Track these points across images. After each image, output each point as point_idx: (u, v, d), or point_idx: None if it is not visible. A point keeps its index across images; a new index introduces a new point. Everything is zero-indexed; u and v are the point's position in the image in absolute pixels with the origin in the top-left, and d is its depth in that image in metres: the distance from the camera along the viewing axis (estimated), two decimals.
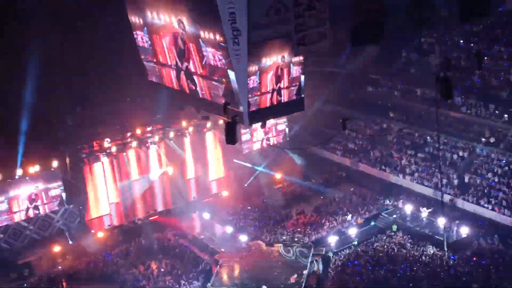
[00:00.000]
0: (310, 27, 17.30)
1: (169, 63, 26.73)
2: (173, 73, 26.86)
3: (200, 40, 21.94)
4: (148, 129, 37.04)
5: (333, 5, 17.64)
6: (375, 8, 16.88)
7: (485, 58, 38.14)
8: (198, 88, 24.87)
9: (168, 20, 24.72)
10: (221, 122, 35.97)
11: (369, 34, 17.34)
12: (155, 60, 27.77)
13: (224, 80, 21.31)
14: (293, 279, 29.76)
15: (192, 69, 24.57)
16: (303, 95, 23.51)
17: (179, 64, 25.74)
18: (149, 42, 27.06)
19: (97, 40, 33.92)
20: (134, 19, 27.65)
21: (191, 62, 24.17)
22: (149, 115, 36.56)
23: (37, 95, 32.14)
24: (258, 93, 21.20)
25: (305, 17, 17.17)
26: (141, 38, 27.90)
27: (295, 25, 16.92)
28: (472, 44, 39.55)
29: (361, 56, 43.87)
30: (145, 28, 26.85)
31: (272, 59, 20.63)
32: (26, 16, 31.30)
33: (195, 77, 24.69)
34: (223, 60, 19.93)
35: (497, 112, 36.43)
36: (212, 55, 21.44)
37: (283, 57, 20.85)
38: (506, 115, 35.79)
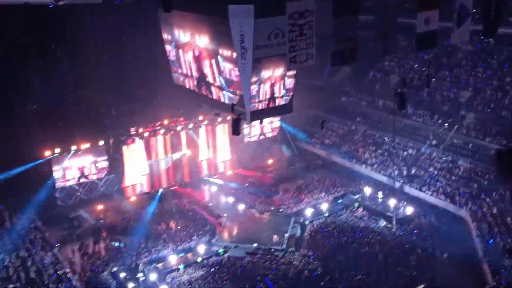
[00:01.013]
0: (301, 49, 17.23)
1: (190, 74, 26.57)
2: (194, 82, 26.65)
3: (218, 56, 21.81)
4: (173, 120, 36.84)
5: (319, 34, 17.58)
6: (350, 38, 16.84)
7: (433, 79, 38.11)
8: (213, 95, 24.67)
9: (191, 38, 24.55)
10: (229, 118, 35.77)
11: (345, 57, 17.31)
12: (180, 71, 27.60)
13: (238, 92, 21.14)
14: (275, 238, 29.83)
15: (211, 81, 24.39)
16: (292, 101, 23.44)
17: (199, 76, 25.57)
18: (176, 55, 26.85)
19: (138, 51, 33.81)
20: (166, 36, 27.47)
21: (210, 75, 23.98)
22: (174, 110, 36.40)
23: (90, 91, 32.12)
24: (257, 99, 21.18)
25: (297, 41, 17.10)
26: (170, 51, 27.70)
27: (289, 46, 16.86)
28: (423, 68, 39.45)
29: (338, 73, 43.95)
30: (173, 43, 26.68)
31: (270, 73, 20.58)
32: (88, 34, 31.27)
33: (212, 88, 24.55)
34: (238, 75, 19.80)
35: (439, 121, 36.41)
36: (228, 70, 21.30)
37: (278, 71, 20.80)
38: (446, 124, 35.79)
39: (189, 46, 25.01)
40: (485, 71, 36.50)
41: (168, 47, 27.81)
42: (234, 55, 19.19)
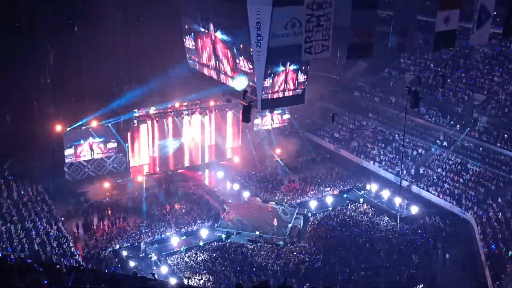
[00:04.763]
0: (317, 40, 17.19)
1: (207, 63, 26.75)
2: (209, 71, 26.84)
3: (234, 48, 21.92)
4: (184, 104, 36.83)
5: (336, 26, 17.50)
6: (368, 33, 16.75)
7: (448, 80, 37.82)
8: (227, 83, 24.89)
9: (209, 29, 24.66)
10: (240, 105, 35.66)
11: (361, 52, 17.23)
12: (196, 59, 27.83)
13: (251, 84, 21.24)
14: (274, 221, 30.33)
15: (226, 71, 24.52)
16: (304, 93, 23.45)
17: (215, 65, 25.72)
18: (193, 43, 27.01)
19: (154, 32, 33.86)
20: (184, 22, 27.63)
21: (225, 65, 24.12)
22: (186, 93, 36.38)
23: (104, 68, 32.25)
24: (270, 91, 21.22)
25: (313, 32, 17.07)
26: (188, 41, 27.90)
27: (305, 37, 16.81)
28: (439, 68, 39.10)
29: (352, 67, 43.68)
30: (191, 31, 26.81)
31: (284, 65, 20.55)
32: (107, 12, 31.28)
33: (226, 77, 24.68)
34: (251, 67, 19.86)
35: (451, 122, 36.16)
36: (244, 62, 21.38)
37: (293, 63, 20.76)
38: (458, 126, 35.54)
39: (206, 35, 25.10)
40: (502, 75, 36.10)
41: (186, 37, 27.98)
42: (248, 47, 19.21)
